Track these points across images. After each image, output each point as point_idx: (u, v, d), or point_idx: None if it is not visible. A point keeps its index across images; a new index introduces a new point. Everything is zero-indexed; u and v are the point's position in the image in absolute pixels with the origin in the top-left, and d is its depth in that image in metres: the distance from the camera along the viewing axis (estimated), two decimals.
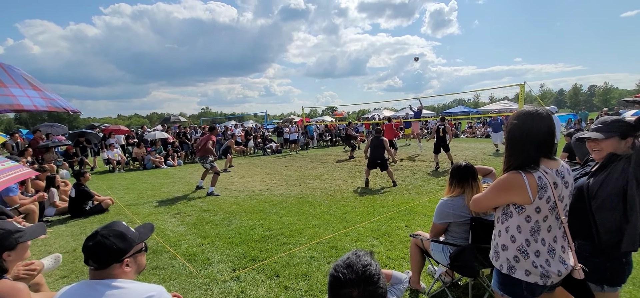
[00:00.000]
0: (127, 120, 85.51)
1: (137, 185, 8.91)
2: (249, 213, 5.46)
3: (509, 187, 1.57)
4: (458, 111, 32.00)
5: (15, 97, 3.12)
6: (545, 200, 1.52)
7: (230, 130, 18.29)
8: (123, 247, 1.45)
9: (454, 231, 2.67)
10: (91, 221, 5.51)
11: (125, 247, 1.46)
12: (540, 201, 1.52)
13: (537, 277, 1.56)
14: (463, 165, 2.68)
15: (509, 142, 1.63)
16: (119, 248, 1.43)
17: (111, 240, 1.41)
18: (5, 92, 3.07)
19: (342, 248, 3.85)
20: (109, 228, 1.45)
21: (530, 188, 1.51)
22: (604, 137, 1.78)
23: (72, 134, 14.14)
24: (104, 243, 1.40)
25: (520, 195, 1.54)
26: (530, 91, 11.36)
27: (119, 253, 1.43)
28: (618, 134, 1.76)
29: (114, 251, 1.41)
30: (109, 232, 1.44)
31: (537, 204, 1.53)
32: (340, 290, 1.09)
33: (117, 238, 1.44)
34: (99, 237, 1.40)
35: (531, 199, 1.52)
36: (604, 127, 1.81)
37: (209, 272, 3.40)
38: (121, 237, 1.46)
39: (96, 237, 1.40)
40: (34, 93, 3.23)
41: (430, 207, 5.38)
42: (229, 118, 41.15)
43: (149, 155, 12.77)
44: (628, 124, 1.78)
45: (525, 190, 1.51)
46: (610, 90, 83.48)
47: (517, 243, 1.60)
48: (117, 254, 1.42)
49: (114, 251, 1.41)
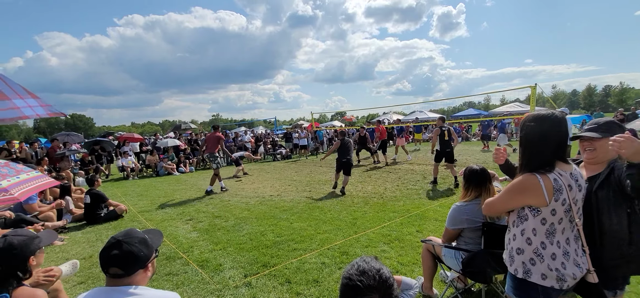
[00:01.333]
0: (140, 128, 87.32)
1: (150, 191, 9.07)
2: (259, 219, 5.50)
3: (525, 189, 1.56)
4: (468, 114, 31.65)
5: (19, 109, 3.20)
6: (560, 202, 1.51)
7: (239, 136, 18.48)
8: (147, 252, 1.50)
9: (467, 236, 2.64)
10: (106, 228, 5.63)
11: (149, 252, 1.51)
12: (556, 203, 1.51)
13: (554, 280, 1.54)
14: (479, 169, 2.65)
15: (526, 144, 1.62)
16: (145, 254, 1.48)
17: (138, 247, 1.46)
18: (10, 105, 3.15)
19: (353, 253, 3.85)
20: (131, 236, 1.49)
21: (546, 191, 1.50)
22: (600, 137, 1.75)
23: (88, 142, 14.51)
24: (131, 250, 1.43)
25: (536, 197, 1.53)
26: (542, 93, 11.20)
27: (145, 259, 1.48)
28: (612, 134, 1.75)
29: (142, 257, 1.46)
30: (131, 239, 1.47)
31: (553, 206, 1.52)
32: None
33: (141, 244, 1.48)
34: (124, 245, 1.43)
35: (547, 201, 1.51)
36: (598, 127, 1.80)
37: (221, 278, 3.44)
38: (144, 242, 1.50)
39: (122, 246, 1.43)
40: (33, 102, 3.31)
41: (442, 211, 5.33)
42: (239, 124, 41.58)
43: (161, 162, 13.00)
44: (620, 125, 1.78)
45: (541, 192, 1.50)
46: (626, 90, 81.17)
47: (533, 246, 1.58)
48: (143, 260, 1.47)
49: (142, 257, 1.46)
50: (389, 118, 28.53)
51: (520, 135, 1.67)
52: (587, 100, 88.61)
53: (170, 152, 13.85)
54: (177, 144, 14.85)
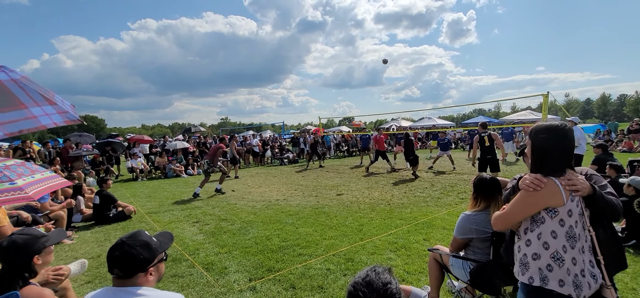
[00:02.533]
0: (150, 129, 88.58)
1: (159, 193, 9.16)
2: (265, 223, 5.50)
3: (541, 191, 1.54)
4: (478, 121, 31.28)
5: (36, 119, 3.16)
6: (575, 203, 1.52)
7: (248, 140, 18.60)
8: (148, 256, 1.48)
9: (476, 246, 2.59)
10: (115, 228, 5.70)
11: (150, 256, 1.49)
12: (572, 203, 1.52)
13: (571, 288, 1.49)
14: (488, 178, 2.61)
15: (538, 155, 1.62)
16: (146, 257, 1.47)
17: (138, 250, 1.45)
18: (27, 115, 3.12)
19: (359, 260, 3.81)
20: (135, 238, 1.49)
21: (562, 189, 1.51)
22: None
23: (100, 143, 14.77)
24: (131, 253, 1.43)
25: (553, 197, 1.52)
26: (555, 101, 10.99)
27: (145, 263, 1.46)
28: None
29: (141, 261, 1.45)
30: (134, 241, 1.47)
31: (569, 206, 1.52)
32: None
33: (143, 248, 1.47)
34: (126, 246, 1.43)
35: (564, 200, 1.51)
36: None
37: (226, 282, 3.44)
38: (146, 246, 1.49)
39: (123, 247, 1.43)
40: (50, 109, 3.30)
41: (450, 220, 5.25)
42: (247, 128, 41.86)
43: (170, 164, 13.14)
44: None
45: (559, 190, 1.51)
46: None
47: (551, 250, 1.53)
48: (143, 264, 1.46)
49: (141, 261, 1.45)
50: (397, 124, 28.39)
51: (530, 145, 1.66)
52: (601, 109, 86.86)
53: (178, 155, 14.00)
54: (186, 146, 15.00)
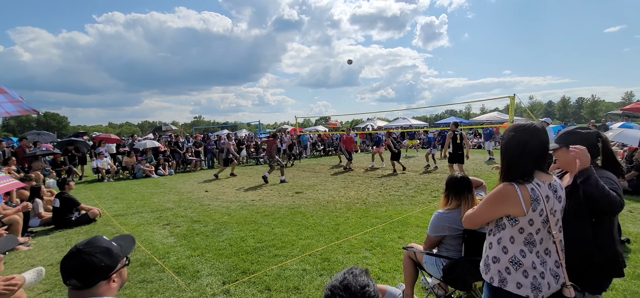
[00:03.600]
0: (118, 128, 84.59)
1: (127, 194, 8.74)
2: (240, 224, 5.38)
3: (503, 199, 1.57)
4: (450, 122, 32.33)
5: None
6: (538, 212, 1.52)
7: (222, 139, 18.17)
8: (110, 263, 1.37)
9: (448, 243, 2.65)
10: (77, 232, 5.37)
11: (112, 263, 1.38)
12: (533, 213, 1.52)
13: (528, 289, 1.54)
14: (459, 177, 2.68)
15: (506, 154, 1.63)
16: (107, 264, 1.36)
17: (98, 257, 1.33)
18: None
19: (335, 260, 3.80)
20: (93, 245, 1.37)
21: (523, 200, 1.51)
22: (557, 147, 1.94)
23: (61, 142, 13.89)
24: (90, 260, 1.31)
25: (513, 207, 1.54)
26: (520, 103, 11.56)
27: (107, 270, 1.35)
28: (563, 144, 1.91)
29: (102, 268, 1.34)
30: (93, 248, 1.35)
31: (531, 217, 1.53)
32: None
33: (103, 254, 1.36)
34: (83, 254, 1.32)
35: (524, 211, 1.51)
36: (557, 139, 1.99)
37: (198, 286, 3.31)
38: (107, 253, 1.38)
39: (80, 255, 1.31)
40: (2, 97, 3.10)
41: (424, 218, 5.37)
42: (221, 127, 40.95)
43: (139, 164, 12.59)
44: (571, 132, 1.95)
45: (519, 202, 1.51)
46: (597, 103, 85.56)
47: (509, 255, 1.59)
48: (105, 271, 1.35)
49: (102, 268, 1.34)
50: (373, 124, 28.82)
51: (501, 145, 1.69)
52: (561, 111, 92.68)
53: (148, 154, 13.43)
54: (157, 145, 14.41)
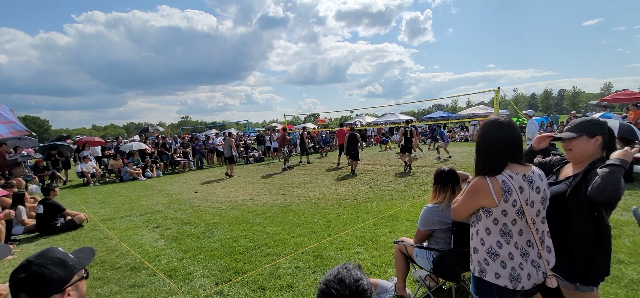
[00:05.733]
0: (102, 130, 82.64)
1: (114, 198, 8.57)
2: (231, 224, 5.35)
3: (476, 192, 1.64)
4: (437, 116, 32.80)
5: None
6: (511, 203, 1.57)
7: (211, 139, 17.97)
8: (64, 275, 1.27)
9: (438, 236, 2.70)
10: (63, 238, 5.24)
11: (66, 275, 1.28)
12: (505, 204, 1.57)
13: (507, 280, 1.59)
14: (446, 170, 2.72)
15: (476, 149, 1.71)
16: (60, 276, 1.25)
17: (50, 269, 1.24)
18: None
19: (327, 257, 3.83)
20: (45, 256, 1.28)
21: (494, 192, 1.57)
22: (575, 136, 1.82)
23: (44, 146, 13.51)
24: (41, 273, 1.21)
25: (485, 198, 1.60)
26: (505, 96, 11.84)
27: (61, 283, 1.25)
28: (585, 133, 1.80)
29: (55, 281, 1.23)
30: (45, 260, 1.26)
31: (503, 207, 1.58)
32: None
33: (56, 266, 1.26)
34: (33, 266, 1.22)
35: (496, 202, 1.57)
36: (573, 127, 1.87)
37: (191, 288, 3.29)
38: (61, 264, 1.28)
39: (30, 268, 1.22)
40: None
41: (414, 212, 5.45)
42: (209, 127, 40.45)
43: (125, 167, 12.35)
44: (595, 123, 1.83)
45: (490, 193, 1.58)
46: (578, 94, 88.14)
47: (486, 246, 1.65)
48: (57, 284, 1.24)
49: (55, 281, 1.23)
50: (362, 120, 28.95)
51: (476, 141, 1.75)
52: (544, 102, 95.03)
53: (135, 156, 13.18)
54: (143, 147, 14.15)
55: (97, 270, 3.86)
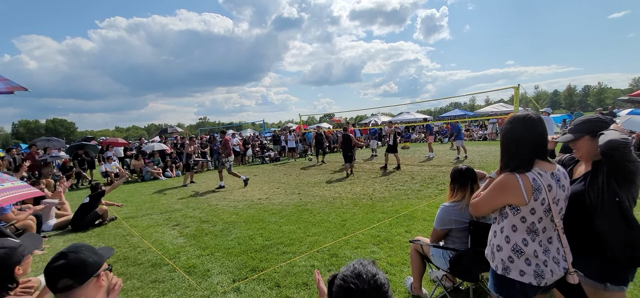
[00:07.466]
0: (125, 132, 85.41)
1: (136, 197, 8.86)
2: (248, 223, 5.44)
3: (505, 189, 1.60)
4: (454, 114, 32.16)
5: None
6: (540, 201, 1.54)
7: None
8: (97, 260, 1.43)
9: (455, 236, 2.66)
10: (89, 235, 5.47)
11: (99, 260, 1.45)
12: (535, 203, 1.54)
13: (531, 277, 1.57)
14: (464, 169, 2.68)
15: (504, 146, 1.67)
16: (95, 260, 1.42)
17: (85, 254, 1.40)
18: None
19: (343, 255, 3.84)
20: (77, 246, 1.44)
21: (525, 190, 1.53)
22: (574, 138, 1.81)
23: (71, 146, 14.10)
24: (79, 257, 1.37)
25: (515, 196, 1.56)
26: (525, 93, 11.46)
27: (96, 266, 1.41)
28: (587, 133, 1.78)
29: (91, 264, 1.39)
30: (78, 248, 1.42)
31: (532, 206, 1.55)
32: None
33: (89, 251, 1.43)
34: (70, 254, 1.37)
35: (526, 200, 1.54)
36: (573, 128, 1.85)
37: (209, 284, 3.38)
38: (92, 251, 1.45)
39: (67, 255, 1.36)
40: None
41: (430, 211, 5.38)
42: (227, 127, 41.16)
43: (147, 167, 12.73)
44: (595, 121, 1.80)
45: (520, 191, 1.54)
46: (604, 90, 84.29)
47: (511, 243, 1.62)
48: (93, 267, 1.40)
49: (91, 264, 1.39)
50: (377, 119, 28.74)
51: (500, 137, 1.72)
52: (567, 100, 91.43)
53: (156, 157, 13.58)
54: (163, 148, 14.56)
55: (121, 266, 4.01)
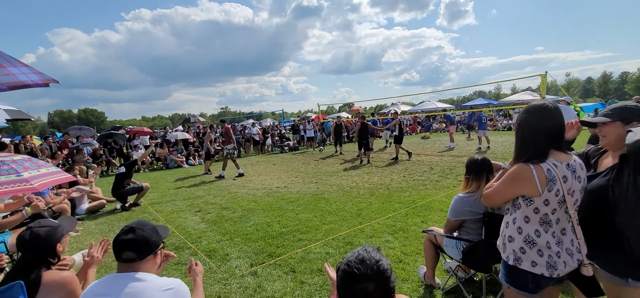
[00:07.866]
0: (150, 121, 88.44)
1: (161, 184, 9.26)
2: (266, 210, 5.59)
3: (518, 179, 1.58)
4: (478, 103, 31.11)
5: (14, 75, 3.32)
6: (554, 193, 1.52)
7: (247, 128, 18.61)
8: (157, 239, 1.63)
9: (469, 227, 2.66)
10: (118, 219, 5.80)
11: (158, 239, 1.64)
12: (549, 194, 1.52)
13: (543, 268, 1.56)
14: (479, 159, 2.65)
15: (519, 135, 1.65)
16: (155, 240, 1.61)
17: (149, 232, 1.59)
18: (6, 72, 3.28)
19: (357, 243, 3.89)
20: (142, 223, 1.63)
21: (539, 181, 1.51)
22: (606, 121, 1.72)
23: (101, 135, 14.83)
24: (144, 234, 1.56)
25: (528, 187, 1.54)
26: (555, 81, 10.96)
27: (155, 246, 1.60)
28: (619, 118, 1.69)
29: (152, 243, 1.58)
30: (143, 226, 1.61)
31: (546, 197, 1.53)
32: (355, 286, 1.10)
33: (152, 231, 1.62)
34: (137, 230, 1.56)
35: (540, 191, 1.52)
36: (606, 112, 1.76)
37: (228, 267, 3.53)
38: (155, 230, 1.64)
39: (135, 231, 1.55)
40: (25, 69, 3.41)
41: (447, 202, 5.30)
42: (247, 117, 41.81)
43: (171, 155, 13.22)
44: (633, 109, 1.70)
45: (534, 182, 1.52)
46: None
47: (524, 234, 1.61)
48: (154, 246, 1.59)
49: (152, 243, 1.58)
50: (397, 108, 28.32)
51: (516, 127, 1.69)
52: (602, 87, 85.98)
53: (179, 145, 14.06)
54: (186, 137, 15.04)
55: None
